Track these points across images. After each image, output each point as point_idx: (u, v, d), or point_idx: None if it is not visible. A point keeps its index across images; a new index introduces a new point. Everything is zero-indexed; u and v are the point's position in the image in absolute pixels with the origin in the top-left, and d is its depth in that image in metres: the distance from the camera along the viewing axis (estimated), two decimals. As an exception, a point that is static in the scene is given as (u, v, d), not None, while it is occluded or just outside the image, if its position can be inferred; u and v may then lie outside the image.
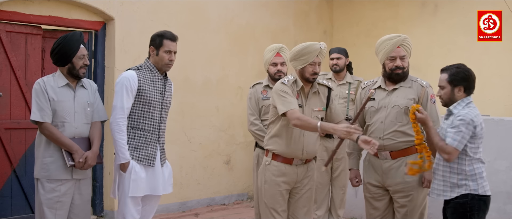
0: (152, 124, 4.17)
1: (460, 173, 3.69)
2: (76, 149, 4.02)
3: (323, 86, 4.24)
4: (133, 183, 4.08)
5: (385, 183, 4.17)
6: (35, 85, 4.07)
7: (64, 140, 4.00)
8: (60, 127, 4.04)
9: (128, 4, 6.45)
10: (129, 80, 4.07)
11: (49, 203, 4.00)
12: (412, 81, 4.22)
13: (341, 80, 5.81)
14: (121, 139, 4.06)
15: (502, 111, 7.23)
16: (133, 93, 4.08)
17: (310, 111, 4.15)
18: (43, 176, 4.02)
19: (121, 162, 4.09)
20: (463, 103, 3.75)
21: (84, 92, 4.20)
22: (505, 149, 5.63)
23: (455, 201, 3.71)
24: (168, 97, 4.29)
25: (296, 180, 4.20)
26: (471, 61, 7.71)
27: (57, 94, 4.06)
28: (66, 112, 4.06)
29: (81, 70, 4.12)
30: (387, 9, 8.41)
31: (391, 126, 4.12)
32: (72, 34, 4.13)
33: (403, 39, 4.16)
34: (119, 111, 4.06)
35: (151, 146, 4.16)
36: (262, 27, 7.91)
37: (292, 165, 4.16)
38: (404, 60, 4.16)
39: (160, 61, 4.16)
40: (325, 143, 5.62)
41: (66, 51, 4.07)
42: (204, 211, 7.02)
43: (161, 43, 4.14)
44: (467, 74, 3.76)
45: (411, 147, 4.10)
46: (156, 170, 4.20)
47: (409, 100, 4.13)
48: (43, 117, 4.00)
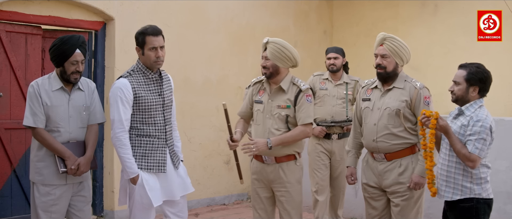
0: (156, 129, 4.00)
1: (465, 176, 3.66)
2: (68, 156, 3.91)
3: (296, 86, 4.23)
4: (151, 193, 3.91)
5: (382, 184, 4.18)
6: (29, 88, 3.97)
7: (57, 146, 3.91)
8: (54, 133, 3.94)
9: (128, 4, 6.45)
10: (122, 91, 3.86)
11: (44, 206, 3.94)
12: (405, 82, 4.17)
13: (338, 80, 5.73)
14: (124, 154, 3.88)
15: (502, 111, 7.23)
16: (129, 103, 3.88)
17: (274, 107, 4.20)
18: (38, 180, 3.95)
19: (129, 177, 3.92)
20: (476, 105, 3.67)
21: (80, 95, 4.07)
22: (505, 149, 5.63)
23: (461, 205, 3.68)
24: (168, 95, 4.10)
25: (269, 179, 4.23)
26: (471, 61, 7.69)
27: (51, 98, 3.95)
28: (60, 117, 3.96)
29: (72, 76, 3.96)
30: (387, 9, 8.41)
31: (383, 129, 4.11)
32: (69, 37, 3.97)
33: (385, 38, 4.14)
34: (118, 125, 3.87)
35: (159, 152, 4.00)
36: (262, 27, 7.91)
37: (263, 163, 4.23)
38: (385, 58, 4.12)
39: (147, 60, 3.93)
40: (324, 144, 5.60)
41: (59, 53, 3.93)
42: (204, 211, 7.02)
43: (144, 40, 3.91)
44: (485, 76, 3.67)
45: (406, 149, 4.09)
46: (169, 174, 4.05)
47: (401, 102, 4.09)
48: (36, 123, 3.91)
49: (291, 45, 4.22)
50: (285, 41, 4.22)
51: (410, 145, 4.11)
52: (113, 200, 6.34)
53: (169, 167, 4.07)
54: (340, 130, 5.59)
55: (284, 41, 4.21)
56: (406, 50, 4.15)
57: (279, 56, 4.14)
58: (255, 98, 4.36)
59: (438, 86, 7.61)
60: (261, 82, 4.37)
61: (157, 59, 3.94)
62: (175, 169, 4.11)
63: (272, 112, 4.21)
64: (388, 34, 4.18)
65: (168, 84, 4.14)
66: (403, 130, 4.08)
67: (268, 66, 4.18)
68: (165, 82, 4.11)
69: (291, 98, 4.19)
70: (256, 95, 4.36)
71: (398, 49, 4.11)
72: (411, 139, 4.10)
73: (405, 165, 4.09)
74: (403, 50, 4.13)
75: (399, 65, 4.16)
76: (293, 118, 4.20)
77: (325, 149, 5.61)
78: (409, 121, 4.11)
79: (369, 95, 4.30)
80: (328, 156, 5.64)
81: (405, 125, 4.09)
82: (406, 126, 4.09)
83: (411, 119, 4.11)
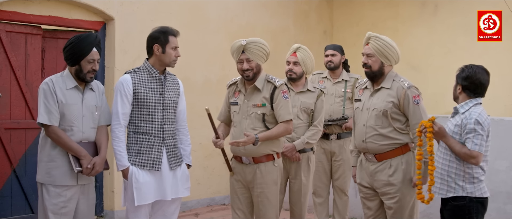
0: (153, 127, 4.05)
1: (458, 174, 3.68)
2: (84, 155, 3.88)
3: (270, 83, 4.24)
4: (136, 191, 3.96)
5: (373, 185, 4.17)
6: (43, 85, 3.90)
7: (72, 144, 3.87)
8: (67, 132, 3.90)
9: (128, 4, 6.45)
10: (122, 85, 3.98)
11: (55, 208, 3.86)
12: (394, 82, 4.13)
13: (336, 78, 5.67)
14: (116, 146, 3.98)
15: (502, 111, 7.23)
16: (128, 97, 3.98)
17: (250, 106, 4.23)
18: (48, 181, 3.88)
19: (119, 169, 4.02)
20: (471, 104, 3.71)
21: (92, 95, 4.06)
22: (505, 149, 5.63)
23: (453, 203, 3.70)
24: (171, 96, 4.15)
25: (247, 180, 4.25)
26: (471, 61, 7.68)
27: (65, 96, 3.91)
28: (74, 116, 3.93)
29: (88, 75, 3.95)
30: (387, 9, 8.41)
31: (372, 130, 4.10)
32: (86, 36, 3.97)
33: (370, 37, 4.15)
34: (114, 118, 4.01)
35: (155, 150, 4.04)
36: (262, 27, 7.91)
37: (242, 163, 4.26)
38: (370, 57, 4.12)
39: (167, 58, 4.04)
40: (323, 144, 5.56)
41: (75, 51, 3.90)
42: (204, 211, 7.02)
43: (167, 39, 4.03)
44: (470, 74, 3.71)
45: (396, 149, 4.07)
46: (164, 174, 4.07)
47: (388, 103, 4.07)
48: (51, 120, 3.84)
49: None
50: (261, 39, 4.28)
51: (400, 145, 4.09)
52: (113, 200, 6.34)
53: (164, 167, 4.08)
54: (339, 130, 5.54)
55: (260, 38, 4.26)
56: (392, 50, 4.11)
57: (261, 55, 4.20)
58: (231, 100, 4.40)
59: (438, 86, 7.63)
60: (235, 83, 4.40)
61: (175, 58, 4.10)
62: (171, 170, 4.11)
63: (248, 112, 4.23)
64: (373, 33, 4.18)
65: (173, 87, 4.20)
66: (392, 130, 4.07)
67: (252, 67, 4.18)
68: (170, 84, 4.17)
69: (266, 96, 4.21)
70: (232, 97, 4.40)
71: (382, 49, 4.09)
72: (400, 140, 4.08)
73: (395, 166, 4.07)
74: (388, 50, 4.10)
75: (386, 65, 4.13)
76: (270, 116, 4.21)
77: (324, 149, 5.56)
78: (398, 121, 4.08)
79: (360, 95, 4.31)
80: (327, 156, 5.58)
81: (393, 125, 4.07)
82: (394, 126, 4.07)
83: (400, 119, 4.08)
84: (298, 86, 4.97)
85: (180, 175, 4.18)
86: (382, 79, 4.16)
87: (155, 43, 4.04)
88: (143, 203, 3.99)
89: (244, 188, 4.30)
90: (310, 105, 4.89)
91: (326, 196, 5.59)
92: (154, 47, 4.04)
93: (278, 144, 4.28)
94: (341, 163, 5.52)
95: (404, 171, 4.06)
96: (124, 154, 3.99)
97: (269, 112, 4.20)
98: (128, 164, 4.00)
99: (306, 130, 4.86)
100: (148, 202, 4.03)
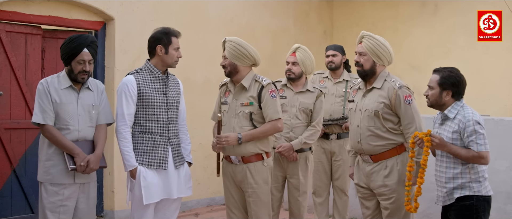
0: (159, 126, 4.10)
1: (464, 174, 3.67)
2: (77, 152, 3.90)
3: (258, 82, 4.28)
4: (145, 190, 3.99)
5: (369, 185, 4.18)
6: (38, 86, 3.96)
7: (66, 143, 3.90)
8: (63, 130, 3.93)
9: (128, 4, 6.45)
10: (127, 86, 4.02)
11: (52, 207, 3.90)
12: (385, 82, 4.12)
13: (337, 78, 5.68)
14: (124, 147, 4.01)
15: (502, 111, 7.23)
16: (133, 98, 4.02)
17: (238, 105, 4.27)
18: (46, 179, 3.92)
19: (127, 170, 4.05)
20: (458, 107, 3.71)
21: (89, 94, 4.07)
22: (505, 149, 5.63)
23: (461, 203, 3.69)
24: (174, 96, 4.20)
25: (238, 180, 4.29)
26: (471, 61, 7.71)
27: (60, 96, 3.95)
28: (69, 115, 3.96)
29: (79, 75, 3.95)
30: (387, 9, 8.41)
31: (365, 131, 4.10)
32: (77, 36, 3.99)
33: (363, 36, 4.16)
34: (120, 119, 4.03)
35: (161, 149, 4.09)
36: (262, 27, 7.91)
37: (232, 163, 4.29)
38: (362, 56, 4.13)
39: (169, 59, 4.10)
40: (323, 144, 5.56)
41: (67, 52, 3.95)
42: (204, 211, 7.02)
43: (170, 40, 4.08)
44: (458, 80, 3.71)
45: (391, 150, 4.07)
46: (170, 173, 4.12)
47: (379, 103, 4.07)
48: (45, 119, 3.89)
49: (248, 44, 4.28)
50: (242, 40, 4.29)
51: (395, 145, 4.08)
52: (113, 200, 6.34)
53: (170, 166, 4.13)
54: (339, 130, 5.55)
55: (241, 40, 4.29)
56: (384, 49, 4.11)
57: (236, 54, 4.23)
58: (221, 100, 4.45)
59: (438, 86, 7.62)
60: (226, 84, 4.45)
61: (177, 59, 4.15)
62: (175, 169, 4.16)
63: (236, 111, 4.27)
64: (367, 32, 4.18)
65: (175, 86, 4.25)
66: (385, 131, 4.06)
67: (226, 65, 4.30)
68: (172, 84, 4.22)
69: (253, 95, 4.24)
70: (223, 96, 4.45)
71: (375, 48, 4.10)
72: (394, 140, 4.07)
73: (391, 167, 4.07)
74: (381, 49, 4.11)
75: (378, 64, 4.13)
76: (258, 115, 4.24)
77: (324, 149, 5.56)
78: (390, 122, 4.07)
79: (354, 96, 4.31)
80: (327, 156, 5.58)
81: (386, 126, 4.06)
82: (387, 127, 4.06)
83: (392, 119, 4.07)
84: (298, 86, 4.99)
85: (183, 174, 4.23)
86: (374, 78, 4.15)
87: (158, 44, 4.08)
88: (151, 201, 4.03)
89: (237, 188, 4.33)
90: (309, 105, 4.90)
91: (326, 196, 5.59)
92: (157, 48, 4.08)
93: (267, 143, 4.30)
94: (341, 163, 5.51)
95: (400, 171, 4.05)
96: (132, 154, 4.02)
97: (256, 111, 4.23)
98: (137, 164, 4.03)
99: (304, 130, 4.87)
100: (156, 201, 4.07)
